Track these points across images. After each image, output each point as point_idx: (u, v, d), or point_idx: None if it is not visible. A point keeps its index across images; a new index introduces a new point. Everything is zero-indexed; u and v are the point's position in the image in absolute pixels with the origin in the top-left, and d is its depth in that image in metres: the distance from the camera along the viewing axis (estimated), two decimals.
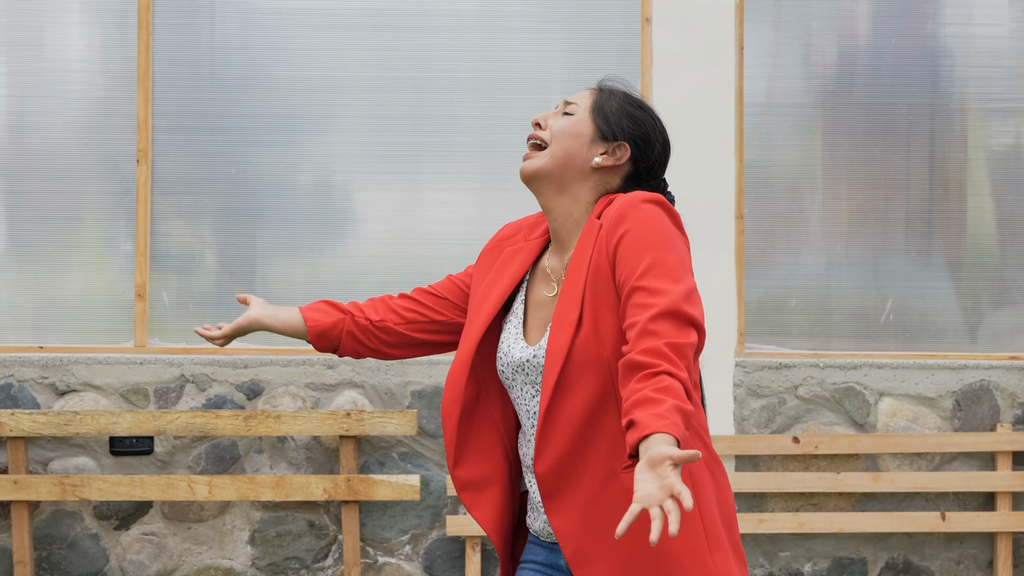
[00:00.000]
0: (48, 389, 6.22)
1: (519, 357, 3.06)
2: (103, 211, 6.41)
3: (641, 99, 3.18)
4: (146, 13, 6.35)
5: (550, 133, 3.11)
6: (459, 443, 3.14)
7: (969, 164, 6.52)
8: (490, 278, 3.19)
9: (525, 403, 3.09)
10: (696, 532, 2.96)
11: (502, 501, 3.14)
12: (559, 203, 3.11)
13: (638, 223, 2.91)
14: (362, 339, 3.30)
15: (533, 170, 3.10)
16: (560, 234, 3.12)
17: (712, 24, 6.33)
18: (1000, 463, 6.25)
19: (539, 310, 3.12)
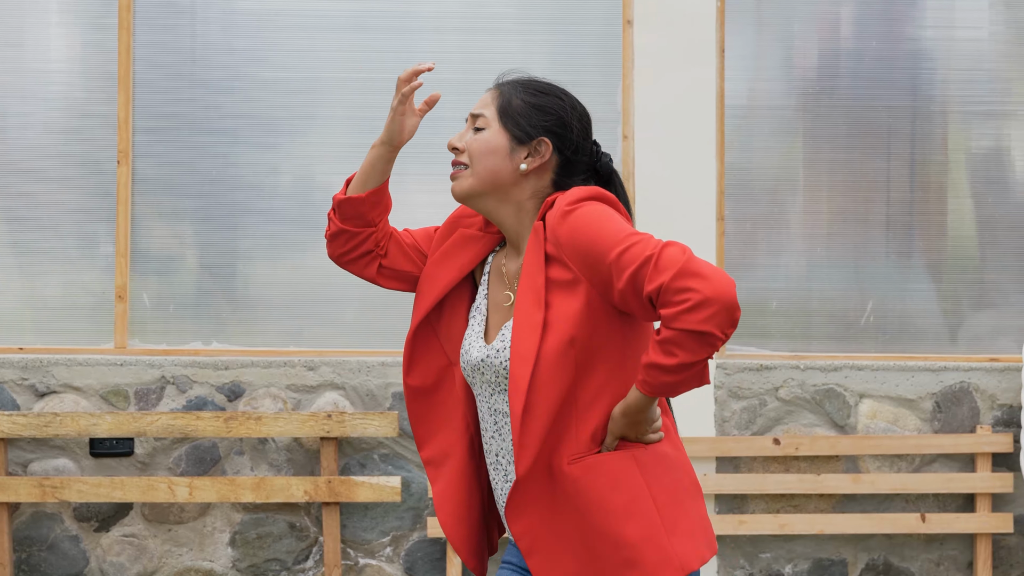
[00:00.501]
0: (28, 390, 6.20)
1: (477, 356, 3.10)
2: (83, 212, 6.39)
3: (541, 82, 3.19)
4: (127, 14, 6.33)
5: (468, 154, 3.13)
6: (418, 423, 3.23)
7: (950, 167, 6.53)
8: (438, 256, 3.24)
9: (486, 400, 3.13)
10: (652, 518, 2.99)
11: (457, 476, 3.18)
12: (502, 212, 3.15)
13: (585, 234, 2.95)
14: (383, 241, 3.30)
15: (463, 191, 3.14)
16: (512, 239, 3.16)
17: (693, 26, 6.33)
18: (980, 465, 6.26)
19: (497, 312, 3.16)
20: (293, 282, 6.39)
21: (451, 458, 3.19)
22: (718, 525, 6.20)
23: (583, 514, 2.98)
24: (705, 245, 6.30)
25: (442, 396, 3.21)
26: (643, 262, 2.84)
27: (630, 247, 2.87)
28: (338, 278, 6.18)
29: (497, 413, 3.09)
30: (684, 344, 2.82)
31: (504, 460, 3.11)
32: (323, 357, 6.25)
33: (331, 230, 3.26)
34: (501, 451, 3.11)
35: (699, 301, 2.78)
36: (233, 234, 6.40)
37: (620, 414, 3.01)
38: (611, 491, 2.99)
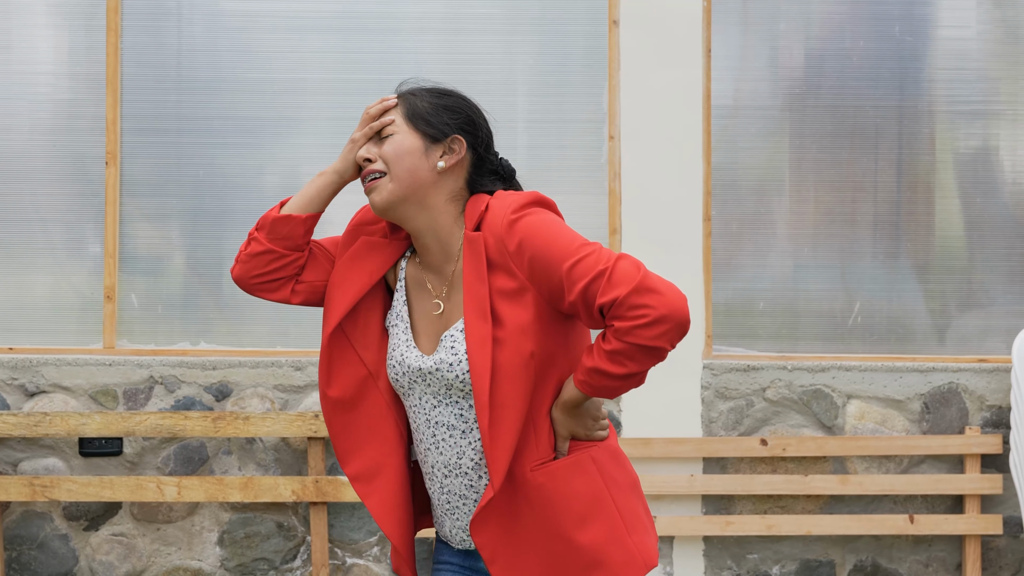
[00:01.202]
0: (17, 390, 6.23)
1: (415, 365, 3.08)
2: (72, 213, 6.42)
3: (441, 86, 3.17)
4: (114, 16, 6.36)
5: (383, 161, 3.08)
6: (341, 435, 3.18)
7: (937, 167, 6.51)
8: (343, 263, 3.19)
9: (425, 412, 3.11)
10: (614, 520, 3.03)
11: (395, 486, 3.15)
12: (422, 220, 3.10)
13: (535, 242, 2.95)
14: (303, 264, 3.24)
15: (384, 200, 3.08)
16: (432, 248, 3.12)
17: (680, 26, 6.33)
18: (968, 466, 6.24)
19: (425, 320, 3.14)
20: None
21: (385, 471, 3.15)
22: (705, 526, 6.19)
23: (547, 519, 3.01)
24: (691, 245, 6.29)
25: (365, 408, 3.17)
26: (596, 275, 2.87)
27: (583, 258, 2.90)
28: None
29: (437, 425, 3.08)
30: (635, 356, 2.88)
31: (440, 472, 3.11)
32: (310, 357, 6.27)
33: (253, 249, 3.18)
34: (437, 463, 3.11)
35: (655, 318, 2.84)
36: (220, 234, 6.42)
37: (561, 413, 3.04)
38: (574, 495, 3.02)
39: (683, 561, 6.25)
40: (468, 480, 3.08)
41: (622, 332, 2.87)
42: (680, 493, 6.21)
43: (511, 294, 2.97)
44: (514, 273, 2.97)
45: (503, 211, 2.99)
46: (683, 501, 6.24)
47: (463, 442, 3.07)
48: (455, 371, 3.02)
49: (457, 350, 3.03)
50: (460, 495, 3.10)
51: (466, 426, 3.06)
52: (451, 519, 3.13)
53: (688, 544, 6.26)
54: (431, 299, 3.13)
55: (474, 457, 3.07)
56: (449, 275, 3.10)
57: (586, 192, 6.30)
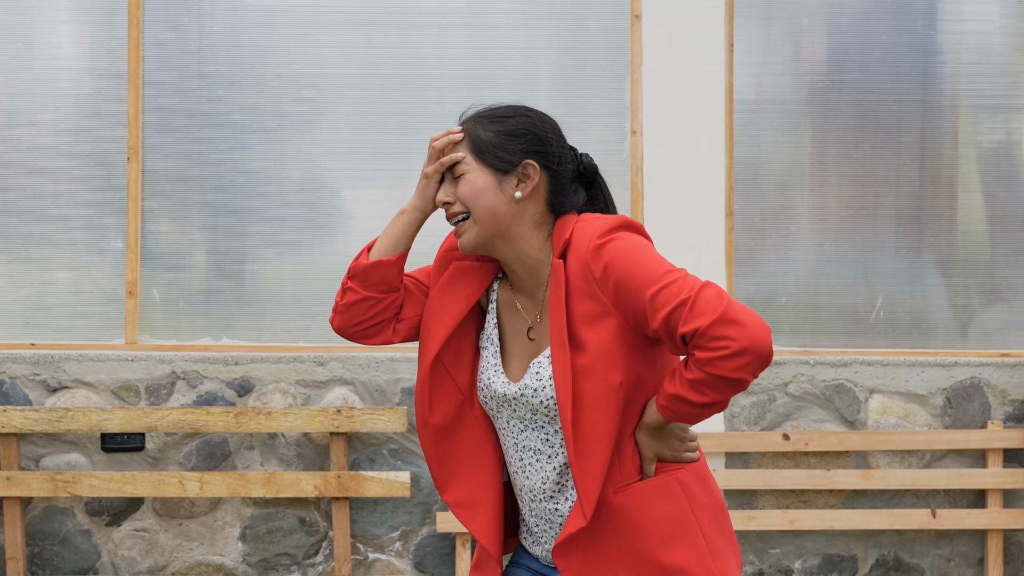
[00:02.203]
0: (40, 386, 6.24)
1: (501, 392, 3.07)
2: (94, 208, 6.42)
3: (503, 106, 3.12)
4: (136, 11, 6.36)
5: (462, 203, 3.05)
6: (440, 463, 3.15)
7: (960, 161, 6.50)
8: (438, 291, 3.16)
9: (513, 435, 3.10)
10: (698, 543, 3.01)
11: (495, 514, 3.14)
12: (511, 251, 3.07)
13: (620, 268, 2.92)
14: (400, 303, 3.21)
15: (470, 242, 3.06)
16: (522, 275, 3.10)
17: (702, 21, 6.32)
18: (991, 460, 6.23)
19: (517, 344, 3.12)
20: (302, 277, 6.41)
21: (486, 499, 3.13)
22: None
23: (630, 540, 3.00)
24: (714, 240, 6.29)
25: (462, 434, 3.15)
26: (679, 304, 2.83)
27: (667, 286, 2.86)
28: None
29: (524, 449, 3.07)
30: (716, 387, 2.85)
31: (527, 496, 3.10)
32: (332, 352, 6.27)
33: (350, 299, 3.14)
34: (525, 487, 3.10)
35: (737, 350, 2.80)
36: (242, 230, 6.43)
37: (645, 435, 3.02)
38: (658, 516, 3.00)
39: None
40: (553, 504, 3.07)
41: (703, 362, 2.83)
42: None
43: (594, 319, 2.95)
44: (598, 298, 2.94)
45: (589, 236, 2.96)
46: None
47: (548, 467, 3.05)
48: (539, 396, 3.00)
49: (542, 376, 3.00)
50: (546, 519, 3.09)
51: (552, 451, 3.05)
52: (540, 544, 3.14)
53: None
54: (523, 322, 3.11)
55: (559, 481, 3.05)
56: (540, 300, 3.08)
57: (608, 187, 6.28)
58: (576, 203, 3.11)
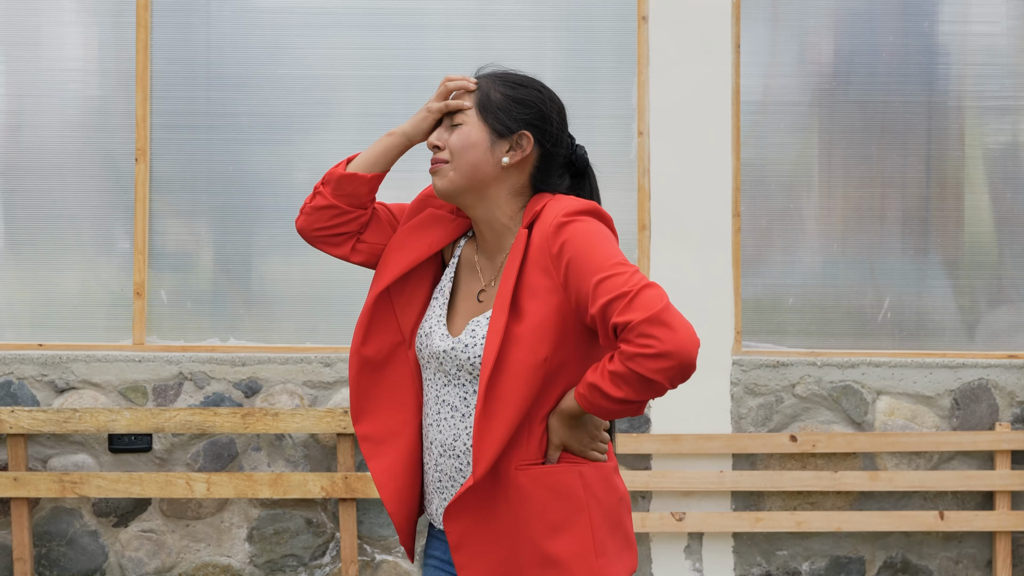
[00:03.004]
0: (47, 387, 6.25)
1: (437, 344, 3.11)
2: (101, 209, 6.43)
3: (518, 75, 3.18)
4: (144, 12, 6.37)
5: (448, 151, 3.09)
6: (360, 393, 3.20)
7: (966, 162, 6.50)
8: (406, 229, 3.22)
9: (435, 388, 3.13)
10: (585, 538, 3.03)
11: (403, 456, 3.18)
12: (481, 210, 3.13)
13: (575, 249, 2.96)
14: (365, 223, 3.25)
15: (444, 187, 3.11)
16: (487, 237, 3.15)
17: (709, 22, 6.32)
18: (999, 462, 6.22)
19: (465, 302, 3.17)
20: (309, 278, 6.41)
21: (399, 438, 3.17)
22: (735, 522, 6.18)
23: (519, 520, 3.02)
24: (721, 241, 6.29)
25: (390, 373, 3.19)
26: (620, 295, 2.86)
27: (613, 276, 2.89)
28: (353, 274, 6.21)
29: (442, 403, 3.11)
30: (632, 384, 2.87)
31: (436, 450, 3.12)
32: (339, 353, 6.27)
33: (317, 203, 3.18)
34: (435, 441, 3.12)
35: (660, 351, 2.82)
36: (249, 231, 6.44)
37: (557, 420, 3.05)
38: (552, 503, 3.02)
39: (712, 557, 6.24)
40: (459, 464, 3.09)
41: (627, 356, 2.85)
42: (709, 489, 6.20)
43: (541, 293, 2.98)
44: (550, 274, 2.97)
45: (555, 213, 3.00)
46: (712, 497, 6.24)
47: (461, 425, 3.08)
48: (468, 353, 3.04)
49: (476, 335, 3.05)
50: (450, 476, 3.11)
51: (467, 410, 3.07)
52: (439, 498, 3.14)
53: (717, 540, 6.25)
54: (478, 284, 3.16)
55: (467, 442, 3.07)
56: (498, 265, 3.13)
57: (615, 188, 6.30)
58: (558, 186, 3.16)
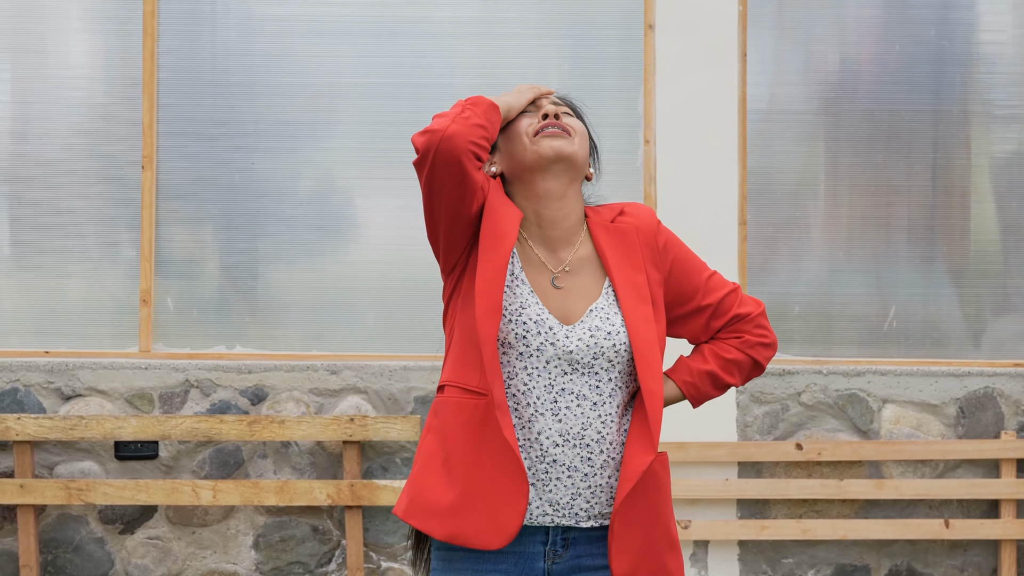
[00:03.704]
0: (54, 394, 6.25)
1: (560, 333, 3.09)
2: (107, 217, 6.44)
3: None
4: (150, 20, 6.38)
5: (572, 128, 3.18)
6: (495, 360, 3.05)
7: (972, 171, 6.49)
8: (494, 202, 3.15)
9: (548, 377, 3.09)
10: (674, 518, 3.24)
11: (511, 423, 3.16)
12: (570, 198, 3.20)
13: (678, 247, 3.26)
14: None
15: (571, 152, 3.15)
16: (559, 227, 3.19)
17: (715, 30, 6.32)
18: (1004, 470, 6.22)
19: (540, 293, 3.15)
20: (315, 286, 6.42)
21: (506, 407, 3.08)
22: (740, 530, 6.18)
23: (653, 505, 3.12)
24: (727, 249, 6.29)
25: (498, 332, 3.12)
26: (732, 291, 3.28)
27: (715, 273, 3.29)
28: (360, 282, 6.23)
29: (563, 392, 3.07)
30: (744, 371, 3.29)
31: (549, 440, 3.06)
32: (345, 361, 6.28)
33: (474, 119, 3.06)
34: (549, 430, 3.07)
35: (771, 341, 3.31)
36: (255, 238, 6.44)
37: None
38: (668, 487, 3.21)
39: (718, 565, 6.24)
40: (586, 452, 3.08)
41: (748, 344, 3.27)
42: (715, 497, 6.20)
43: (655, 285, 3.20)
44: (659, 267, 3.20)
45: (646, 213, 3.24)
46: (718, 505, 6.24)
47: (592, 413, 3.08)
48: (612, 340, 3.09)
49: (614, 323, 3.11)
50: (568, 467, 3.07)
51: (599, 398, 3.08)
52: (540, 491, 3.09)
53: (723, 548, 6.25)
54: (544, 273, 3.17)
55: (600, 430, 3.07)
56: (565, 258, 3.18)
57: (621, 196, 6.27)
58: None
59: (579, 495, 3.08)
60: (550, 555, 3.11)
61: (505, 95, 3.20)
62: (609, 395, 3.09)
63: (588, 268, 3.17)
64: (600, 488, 3.09)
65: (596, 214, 3.23)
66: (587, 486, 3.08)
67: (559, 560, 3.11)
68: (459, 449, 3.09)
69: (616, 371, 3.09)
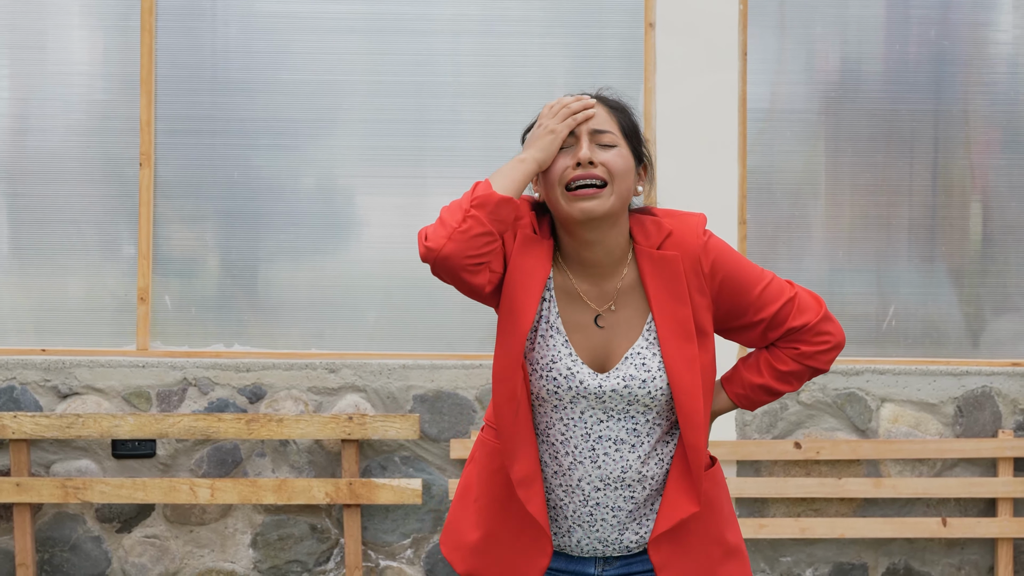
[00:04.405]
0: (51, 392, 6.22)
1: (592, 383, 3.04)
2: (106, 214, 6.40)
3: (627, 104, 3.17)
4: (149, 16, 6.34)
5: (606, 170, 3.01)
6: (513, 438, 3.07)
7: (972, 171, 6.51)
8: (516, 259, 3.05)
9: (584, 426, 3.07)
10: (736, 520, 3.24)
11: (543, 491, 3.12)
12: (610, 236, 3.07)
13: (727, 265, 3.10)
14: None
15: (604, 211, 3.00)
16: (602, 262, 3.08)
17: (716, 30, 6.32)
18: (1002, 469, 6.24)
19: (580, 333, 3.08)
20: (314, 284, 6.40)
21: (538, 475, 3.09)
22: None
23: (707, 523, 3.14)
24: None
25: (521, 413, 3.07)
26: (787, 301, 3.13)
27: (769, 284, 3.14)
28: (359, 281, 6.21)
29: (600, 439, 3.07)
30: (802, 378, 3.20)
31: (590, 485, 3.08)
32: (344, 359, 6.26)
33: (471, 228, 2.92)
34: (589, 476, 3.08)
35: (834, 344, 3.19)
36: (254, 236, 6.41)
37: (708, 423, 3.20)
38: (722, 498, 3.19)
39: None
40: (629, 493, 3.09)
41: (806, 355, 3.17)
42: None
43: (702, 312, 3.07)
44: (704, 292, 3.07)
45: (693, 232, 3.09)
46: None
47: (631, 456, 3.07)
48: (648, 388, 3.04)
49: (650, 367, 3.04)
50: (612, 508, 3.10)
51: (636, 440, 3.07)
52: (587, 531, 3.12)
53: None
54: (587, 311, 3.09)
55: (641, 470, 3.08)
56: (612, 289, 3.09)
57: None
58: (633, 207, 3.19)
59: (626, 529, 3.12)
60: (600, 564, 3.17)
61: (531, 148, 3.01)
62: (647, 434, 3.08)
63: (633, 299, 3.09)
64: (646, 518, 3.13)
65: (644, 236, 3.07)
66: (633, 520, 3.12)
67: (609, 567, 3.16)
68: (488, 495, 3.16)
69: (654, 412, 3.07)
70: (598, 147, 3.02)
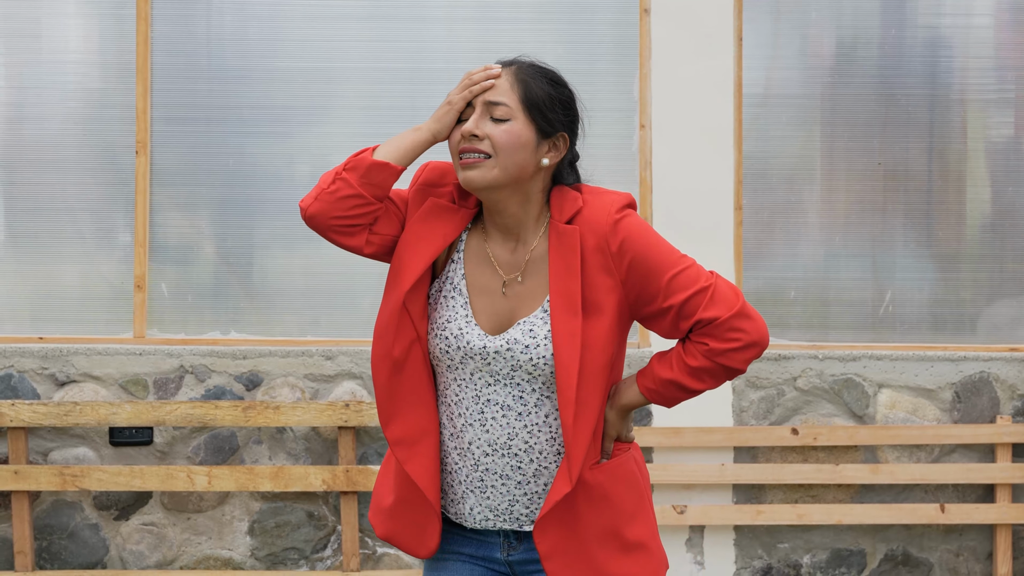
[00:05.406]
0: (48, 380, 6.23)
1: (477, 344, 3.05)
2: (102, 202, 6.41)
3: (556, 72, 3.14)
4: (144, 4, 6.35)
5: (491, 144, 3.01)
6: (390, 399, 3.11)
7: (968, 155, 6.49)
8: (415, 223, 3.11)
9: (474, 388, 3.08)
10: (650, 519, 3.17)
11: (434, 454, 3.12)
12: (512, 203, 3.08)
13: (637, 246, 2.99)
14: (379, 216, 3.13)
15: (485, 182, 3.02)
16: (511, 230, 3.10)
17: (711, 15, 6.31)
18: (1000, 455, 6.23)
19: (485, 297, 3.10)
20: (310, 272, 6.40)
21: (428, 437, 3.11)
22: (736, 515, 6.18)
23: (602, 516, 3.07)
24: (722, 234, 6.28)
25: (409, 372, 3.08)
26: (699, 291, 2.99)
27: (684, 270, 3.01)
28: (355, 268, 6.20)
29: (488, 403, 3.07)
30: (717, 375, 3.03)
31: (479, 449, 3.09)
32: (341, 346, 6.26)
33: (339, 190, 3.03)
34: (479, 440, 3.09)
35: (748, 343, 3.00)
36: (251, 224, 6.42)
37: (616, 415, 3.13)
38: (626, 493, 3.11)
39: (714, 550, 6.24)
40: (515, 462, 3.08)
41: (715, 352, 3.00)
42: (711, 482, 6.20)
43: (604, 292, 3.00)
44: (611, 272, 2.99)
45: (605, 209, 3.02)
46: (714, 490, 6.24)
47: (517, 424, 3.06)
48: (530, 354, 3.01)
49: (536, 335, 3.02)
50: (500, 475, 3.09)
51: (523, 408, 3.06)
52: (479, 497, 3.11)
53: (719, 533, 6.26)
54: (496, 277, 3.10)
55: (528, 440, 3.06)
56: (522, 259, 3.08)
57: (617, 181, 6.28)
58: (572, 181, 3.15)
59: (516, 501, 3.10)
60: (505, 547, 3.15)
61: (430, 121, 3.09)
62: (535, 405, 3.06)
63: (541, 271, 3.07)
64: (536, 495, 3.10)
65: (558, 210, 3.06)
66: (523, 493, 3.10)
67: (514, 552, 3.15)
68: (395, 460, 3.18)
69: (539, 383, 3.05)
70: (491, 120, 3.03)
